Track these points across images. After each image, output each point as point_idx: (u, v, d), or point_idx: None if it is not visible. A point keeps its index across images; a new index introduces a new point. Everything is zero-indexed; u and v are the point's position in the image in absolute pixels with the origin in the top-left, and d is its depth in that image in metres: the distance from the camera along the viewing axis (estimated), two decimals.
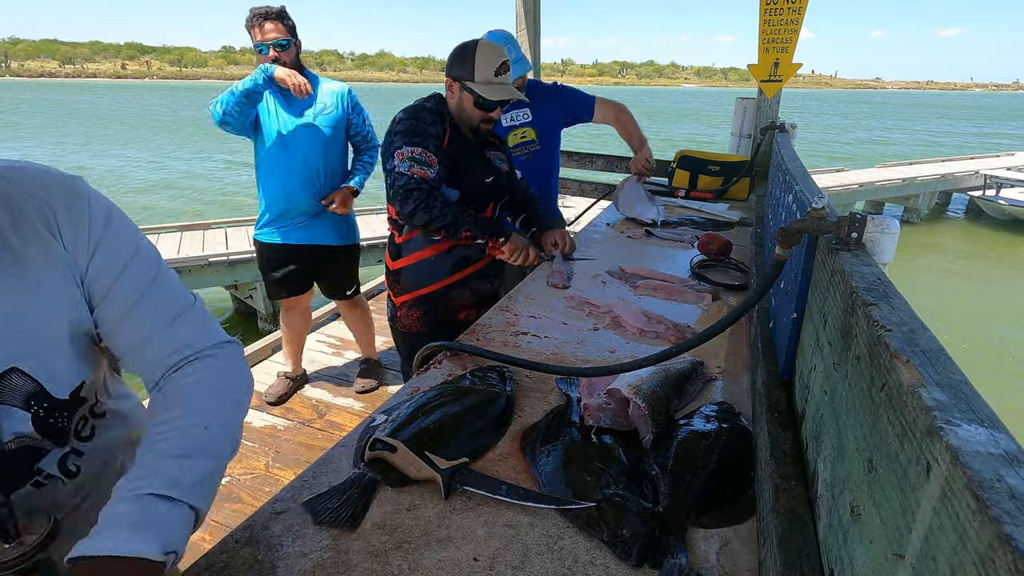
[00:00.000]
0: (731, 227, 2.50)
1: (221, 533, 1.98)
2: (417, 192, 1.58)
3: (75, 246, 0.70)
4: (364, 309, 2.95)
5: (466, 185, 1.73)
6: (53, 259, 0.68)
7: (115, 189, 14.67)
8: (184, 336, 0.77)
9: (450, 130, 1.71)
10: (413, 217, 1.60)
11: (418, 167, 1.58)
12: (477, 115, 1.69)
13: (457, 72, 1.67)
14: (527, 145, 2.48)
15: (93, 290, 0.72)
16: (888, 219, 0.79)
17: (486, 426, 1.05)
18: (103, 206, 0.74)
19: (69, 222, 0.69)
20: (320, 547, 0.80)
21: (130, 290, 0.74)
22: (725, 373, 1.30)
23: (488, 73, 1.64)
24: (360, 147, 2.63)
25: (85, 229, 0.70)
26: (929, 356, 0.49)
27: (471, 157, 1.76)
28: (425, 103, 1.72)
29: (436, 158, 1.62)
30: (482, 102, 1.65)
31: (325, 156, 2.49)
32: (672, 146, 6.75)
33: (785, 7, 2.95)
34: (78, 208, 0.70)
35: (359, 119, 2.58)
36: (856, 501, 0.54)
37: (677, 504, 0.86)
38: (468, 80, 1.65)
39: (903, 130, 37.22)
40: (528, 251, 1.76)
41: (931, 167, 13.95)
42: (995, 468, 0.34)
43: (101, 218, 0.72)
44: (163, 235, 6.46)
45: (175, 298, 0.78)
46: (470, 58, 1.64)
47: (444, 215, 1.60)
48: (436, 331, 1.78)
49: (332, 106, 2.46)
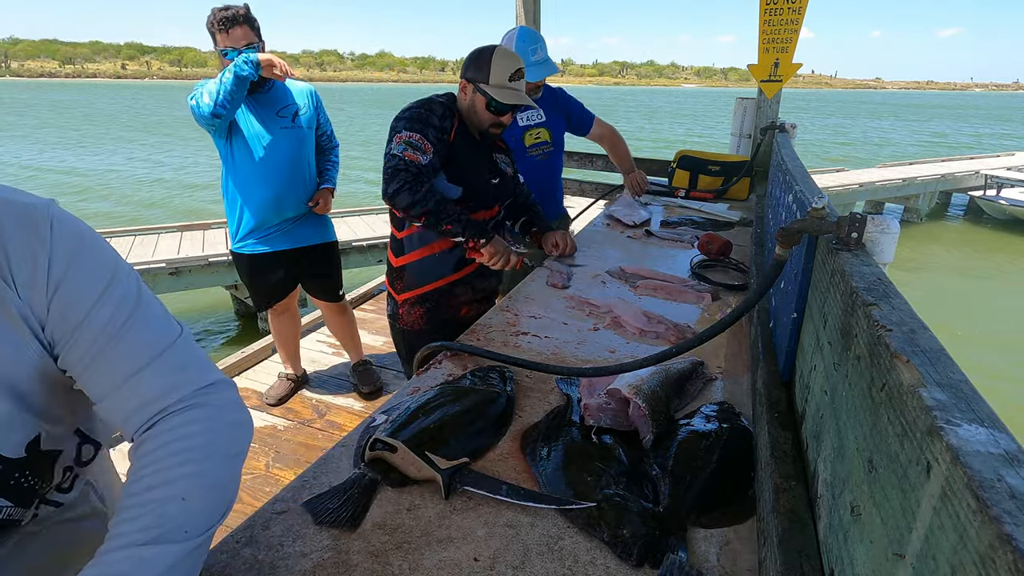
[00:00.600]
0: (731, 227, 2.50)
1: (221, 533, 1.98)
2: (404, 173, 1.58)
3: (31, 285, 0.61)
4: (351, 313, 2.93)
5: (470, 182, 1.73)
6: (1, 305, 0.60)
7: (113, 188, 14.68)
8: (160, 384, 0.66)
9: (458, 126, 1.72)
10: (396, 197, 1.58)
11: (411, 151, 1.59)
12: (488, 118, 1.71)
13: (472, 74, 1.69)
14: (542, 145, 2.50)
15: (56, 332, 0.63)
16: (888, 219, 0.79)
17: (486, 426, 1.05)
18: (69, 235, 0.64)
19: (23, 257, 0.60)
20: (320, 547, 0.80)
21: (99, 330, 0.64)
22: (725, 373, 1.30)
23: (503, 78, 1.66)
24: (325, 146, 2.61)
25: (44, 265, 0.61)
26: (929, 356, 0.49)
27: (477, 155, 1.77)
28: (438, 97, 1.74)
29: (433, 148, 1.62)
30: (495, 105, 1.68)
31: (310, 158, 2.48)
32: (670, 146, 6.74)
33: (785, 7, 2.95)
34: (36, 240, 0.61)
35: (324, 118, 2.56)
36: (856, 501, 0.54)
37: (677, 504, 0.86)
38: (483, 83, 1.67)
39: (898, 130, 37.21)
40: (509, 256, 1.73)
41: (931, 167, 13.95)
42: (995, 468, 0.34)
43: (66, 250, 0.63)
44: (163, 235, 6.46)
45: (154, 336, 0.67)
46: (487, 62, 1.66)
47: (427, 201, 1.59)
48: (438, 329, 1.78)
49: (306, 106, 2.44)
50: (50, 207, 0.64)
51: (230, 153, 2.33)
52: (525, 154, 2.43)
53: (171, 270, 5.51)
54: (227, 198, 2.44)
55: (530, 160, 2.43)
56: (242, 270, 2.57)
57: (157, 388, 0.66)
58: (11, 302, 0.60)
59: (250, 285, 2.62)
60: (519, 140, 2.42)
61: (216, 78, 2.17)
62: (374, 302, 4.05)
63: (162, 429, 0.64)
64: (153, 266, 5.45)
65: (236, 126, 2.29)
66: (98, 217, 11.85)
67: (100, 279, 0.65)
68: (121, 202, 13.44)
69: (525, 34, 2.27)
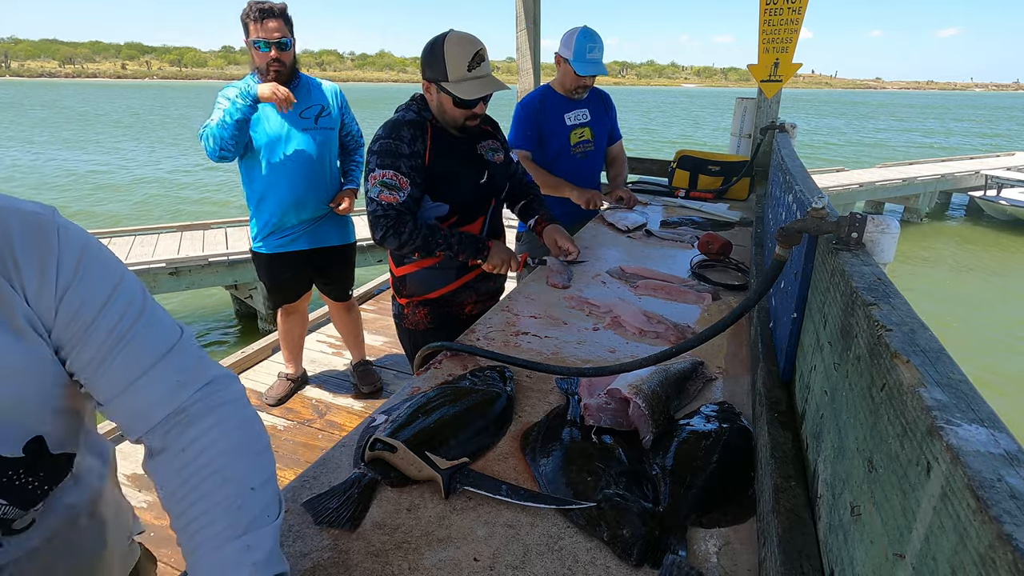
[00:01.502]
0: (731, 227, 2.50)
1: None
2: (384, 219, 1.57)
3: (39, 292, 0.62)
4: (357, 312, 2.97)
5: (455, 197, 1.69)
6: (7, 311, 0.61)
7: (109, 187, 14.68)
8: (168, 381, 0.69)
9: (432, 140, 1.64)
10: (385, 242, 1.60)
11: (387, 192, 1.56)
12: (459, 114, 1.62)
13: (431, 74, 1.58)
14: (584, 144, 2.57)
15: (63, 336, 0.65)
16: (888, 219, 0.79)
17: (486, 426, 1.05)
18: (76, 242, 0.65)
19: (31, 265, 0.62)
20: (320, 547, 0.80)
21: (108, 332, 0.66)
22: (725, 373, 1.30)
23: (461, 69, 1.54)
24: (349, 146, 2.63)
25: (52, 271, 0.63)
26: (929, 356, 0.49)
27: (460, 163, 1.70)
28: (405, 115, 1.65)
29: (409, 180, 1.58)
30: (458, 102, 1.58)
31: (332, 159, 2.49)
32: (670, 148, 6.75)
33: (785, 7, 2.95)
34: (45, 247, 0.63)
35: (349, 118, 2.58)
36: (856, 501, 0.54)
37: (677, 504, 0.86)
38: (442, 80, 1.55)
39: (895, 130, 37.15)
40: (511, 261, 1.73)
41: (931, 167, 13.95)
42: (995, 468, 0.34)
43: (74, 257, 0.65)
44: (163, 235, 6.46)
45: (161, 337, 0.70)
46: (440, 57, 1.54)
47: (414, 238, 1.58)
48: (443, 327, 1.78)
49: (330, 107, 2.46)
50: (55, 215, 0.66)
51: (251, 154, 2.36)
52: (569, 153, 2.51)
53: (171, 270, 5.51)
54: (248, 198, 2.48)
55: (573, 159, 2.52)
56: (261, 269, 2.61)
57: (166, 385, 0.68)
58: (18, 308, 0.61)
59: (268, 284, 2.66)
60: (565, 139, 2.51)
61: (217, 115, 2.18)
62: (374, 302, 4.05)
63: (200, 429, 0.67)
64: (153, 266, 5.45)
65: (256, 128, 2.30)
66: (100, 217, 11.86)
67: (107, 283, 0.67)
68: (123, 202, 13.45)
69: (586, 32, 2.38)
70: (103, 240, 6.54)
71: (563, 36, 2.45)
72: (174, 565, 1.87)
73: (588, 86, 2.50)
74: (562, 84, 2.50)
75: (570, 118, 2.53)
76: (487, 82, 1.58)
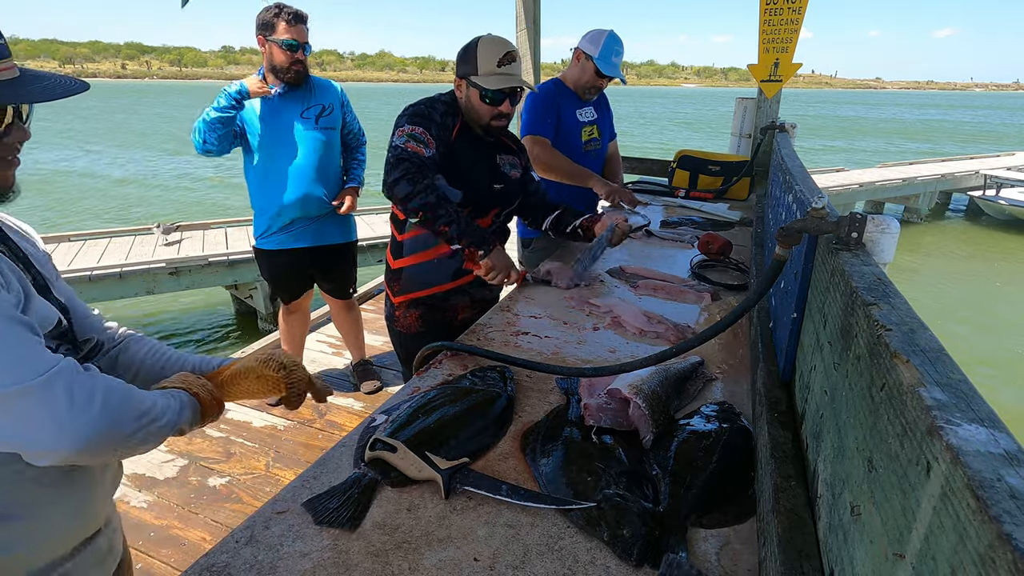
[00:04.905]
0: (731, 227, 2.50)
1: (221, 533, 1.98)
2: (407, 163, 1.55)
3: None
4: (358, 311, 2.98)
5: (470, 187, 1.70)
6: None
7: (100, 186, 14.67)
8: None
9: (460, 126, 1.71)
10: (396, 186, 1.55)
11: (414, 143, 1.58)
12: (486, 111, 1.67)
13: (462, 69, 1.68)
14: (593, 142, 2.58)
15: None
16: (888, 219, 0.79)
17: (486, 426, 1.05)
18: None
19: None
20: (320, 547, 0.80)
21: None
22: (725, 373, 1.30)
23: (491, 65, 1.63)
24: (351, 144, 2.65)
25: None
26: (929, 356, 0.49)
27: (479, 159, 1.75)
28: (441, 96, 1.73)
29: (436, 143, 1.61)
30: (487, 94, 1.64)
31: (334, 157, 2.51)
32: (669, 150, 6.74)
33: (785, 7, 2.95)
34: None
35: (351, 116, 2.60)
36: (856, 501, 0.54)
37: (677, 504, 0.86)
38: (472, 75, 1.65)
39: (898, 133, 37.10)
40: (509, 272, 1.67)
41: (931, 167, 13.94)
42: (995, 468, 0.34)
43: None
44: (163, 235, 6.45)
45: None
46: (473, 54, 1.64)
47: (427, 193, 1.55)
48: (434, 332, 1.77)
49: (331, 106, 2.48)
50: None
51: (254, 153, 2.41)
52: (581, 150, 2.51)
53: (171, 270, 5.51)
54: (252, 195, 2.51)
55: (585, 156, 2.52)
56: (263, 266, 2.65)
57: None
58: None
59: (270, 281, 2.71)
60: (577, 136, 2.50)
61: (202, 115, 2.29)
62: (374, 302, 4.05)
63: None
64: (153, 266, 5.45)
65: (255, 128, 2.36)
66: (98, 217, 11.85)
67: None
68: (119, 201, 13.44)
69: (615, 36, 2.39)
70: (102, 241, 6.48)
71: (589, 33, 2.42)
72: (174, 565, 1.87)
73: (601, 88, 2.47)
74: (577, 80, 2.45)
75: (581, 115, 2.53)
76: (513, 79, 1.65)
